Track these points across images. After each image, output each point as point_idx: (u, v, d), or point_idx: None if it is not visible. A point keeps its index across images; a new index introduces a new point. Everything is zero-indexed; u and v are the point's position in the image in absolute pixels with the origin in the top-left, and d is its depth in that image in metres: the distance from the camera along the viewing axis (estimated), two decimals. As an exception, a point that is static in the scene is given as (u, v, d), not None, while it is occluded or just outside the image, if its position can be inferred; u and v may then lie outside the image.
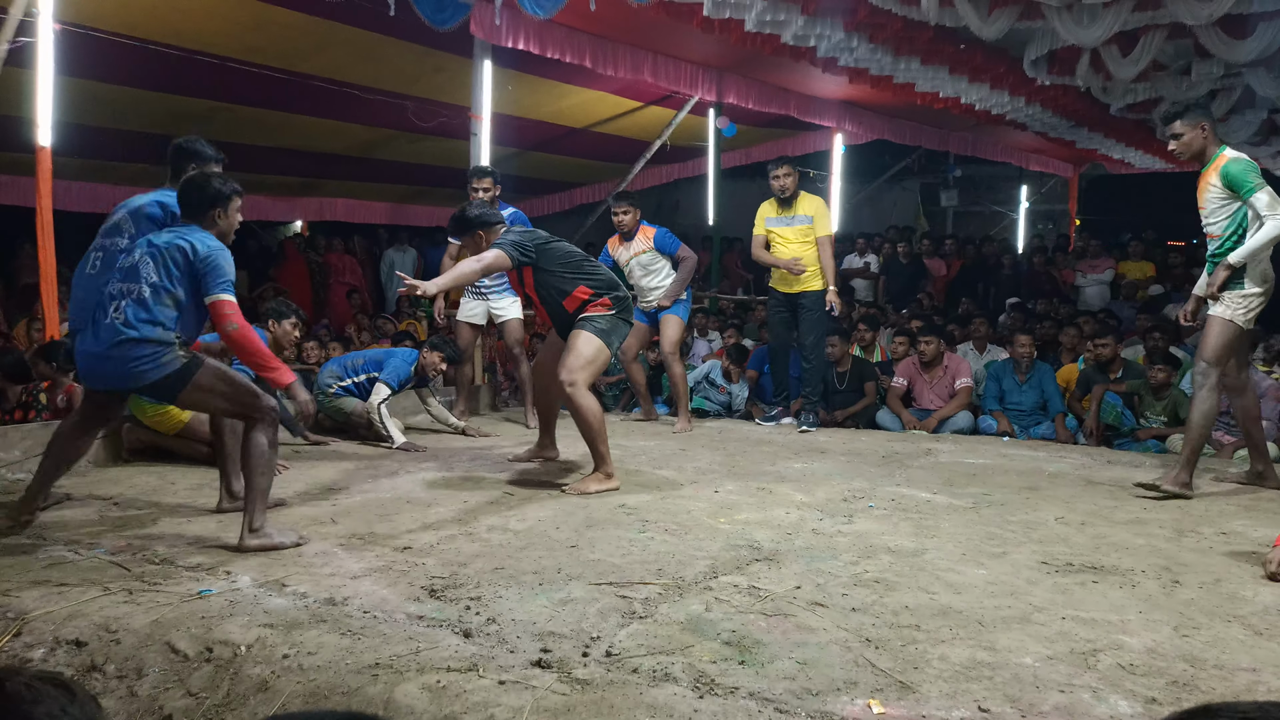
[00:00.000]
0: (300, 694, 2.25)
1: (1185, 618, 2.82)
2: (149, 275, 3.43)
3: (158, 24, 6.57)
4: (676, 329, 6.48)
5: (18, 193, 8.27)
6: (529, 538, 3.55)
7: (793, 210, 6.47)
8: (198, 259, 3.43)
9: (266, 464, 3.50)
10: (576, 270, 4.44)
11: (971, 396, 7.12)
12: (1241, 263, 4.43)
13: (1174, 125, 4.68)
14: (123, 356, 3.39)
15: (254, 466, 3.47)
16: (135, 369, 3.40)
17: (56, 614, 2.69)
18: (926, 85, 8.25)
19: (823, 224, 6.44)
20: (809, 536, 3.65)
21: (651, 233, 6.45)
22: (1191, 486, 4.53)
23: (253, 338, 3.52)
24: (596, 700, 2.18)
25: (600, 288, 4.44)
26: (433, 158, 10.02)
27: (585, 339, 4.34)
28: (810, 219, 6.42)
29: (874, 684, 2.30)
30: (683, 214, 16.72)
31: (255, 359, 3.50)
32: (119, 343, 3.38)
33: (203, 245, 3.45)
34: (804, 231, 6.45)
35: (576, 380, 4.28)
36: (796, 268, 6.40)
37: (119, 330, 3.38)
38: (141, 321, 3.38)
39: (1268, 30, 6.12)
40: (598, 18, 6.60)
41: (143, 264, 3.44)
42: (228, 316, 3.41)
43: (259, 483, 3.46)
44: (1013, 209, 17.03)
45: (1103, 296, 10.69)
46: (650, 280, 6.47)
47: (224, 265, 3.46)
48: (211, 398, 3.55)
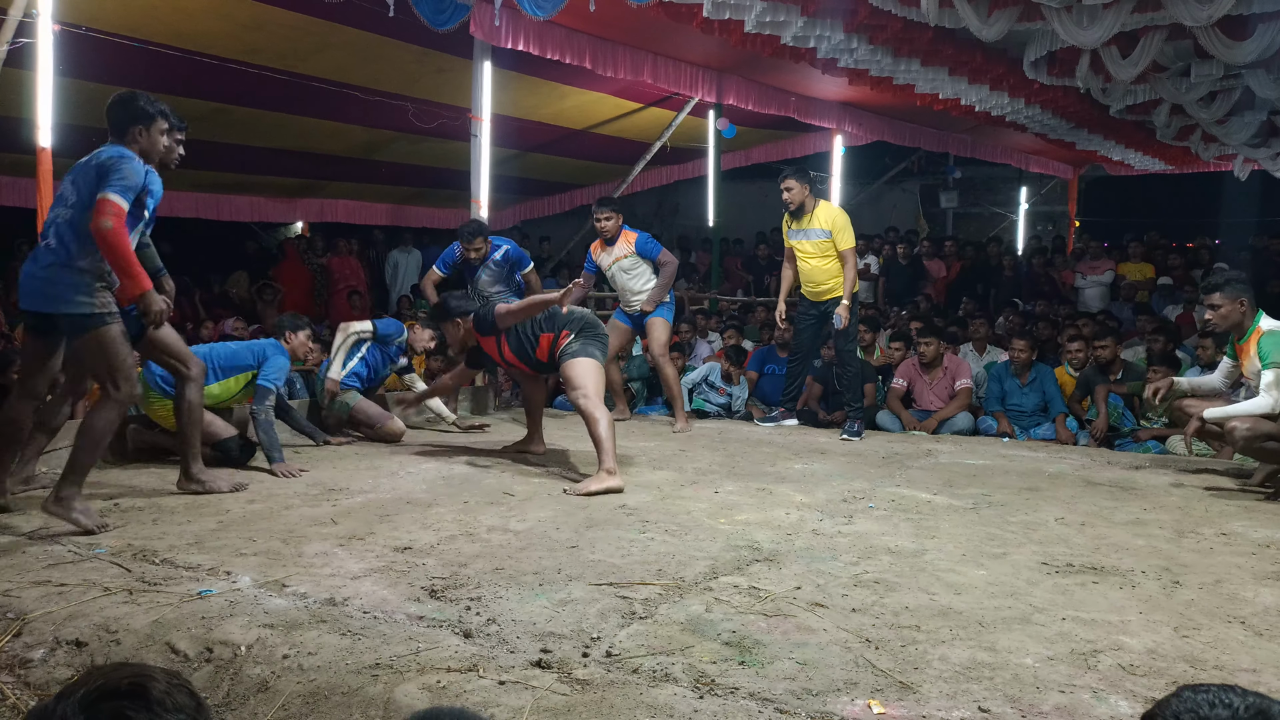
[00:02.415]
0: (300, 694, 2.24)
1: (1186, 618, 2.82)
2: (69, 197, 3.55)
3: (158, 25, 6.58)
4: (664, 331, 6.52)
5: (18, 194, 8.29)
6: (529, 538, 3.55)
7: (807, 222, 6.36)
8: (100, 164, 3.49)
9: (197, 417, 3.71)
10: (534, 326, 4.90)
11: (971, 398, 7.12)
12: (1218, 421, 4.67)
13: (1213, 297, 4.82)
14: (49, 278, 3.53)
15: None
16: (55, 292, 3.52)
17: (57, 614, 2.69)
18: (926, 87, 8.25)
19: (843, 237, 6.29)
20: (809, 537, 3.65)
21: (633, 238, 6.50)
22: None
23: (124, 243, 3.48)
24: (597, 700, 2.18)
25: (557, 327, 4.84)
26: (433, 159, 10.03)
27: (579, 364, 4.72)
28: (828, 233, 6.29)
29: (874, 684, 2.30)
30: (682, 216, 16.75)
31: (120, 261, 3.49)
32: (49, 265, 3.53)
33: (109, 153, 3.52)
34: (823, 245, 6.34)
35: (589, 393, 4.61)
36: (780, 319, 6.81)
37: (49, 253, 3.53)
38: (67, 244, 3.50)
39: (1267, 32, 6.11)
40: (597, 19, 6.60)
41: (67, 189, 3.56)
42: (104, 214, 3.40)
43: (84, 459, 3.57)
44: (1012, 210, 17.04)
45: (1102, 298, 10.70)
46: (633, 284, 6.52)
47: (125, 170, 3.47)
48: (93, 356, 3.63)
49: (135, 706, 1.06)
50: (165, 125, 3.73)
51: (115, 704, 1.06)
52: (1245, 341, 4.76)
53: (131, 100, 3.68)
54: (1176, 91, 7.72)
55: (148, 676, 1.10)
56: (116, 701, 1.06)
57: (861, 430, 6.44)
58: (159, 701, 1.07)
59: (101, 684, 1.08)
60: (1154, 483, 4.96)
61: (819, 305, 6.48)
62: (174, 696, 1.10)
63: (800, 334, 6.69)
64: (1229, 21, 6.04)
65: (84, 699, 1.06)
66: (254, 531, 3.60)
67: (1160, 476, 5.14)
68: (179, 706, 1.09)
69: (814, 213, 6.35)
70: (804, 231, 6.38)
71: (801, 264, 6.47)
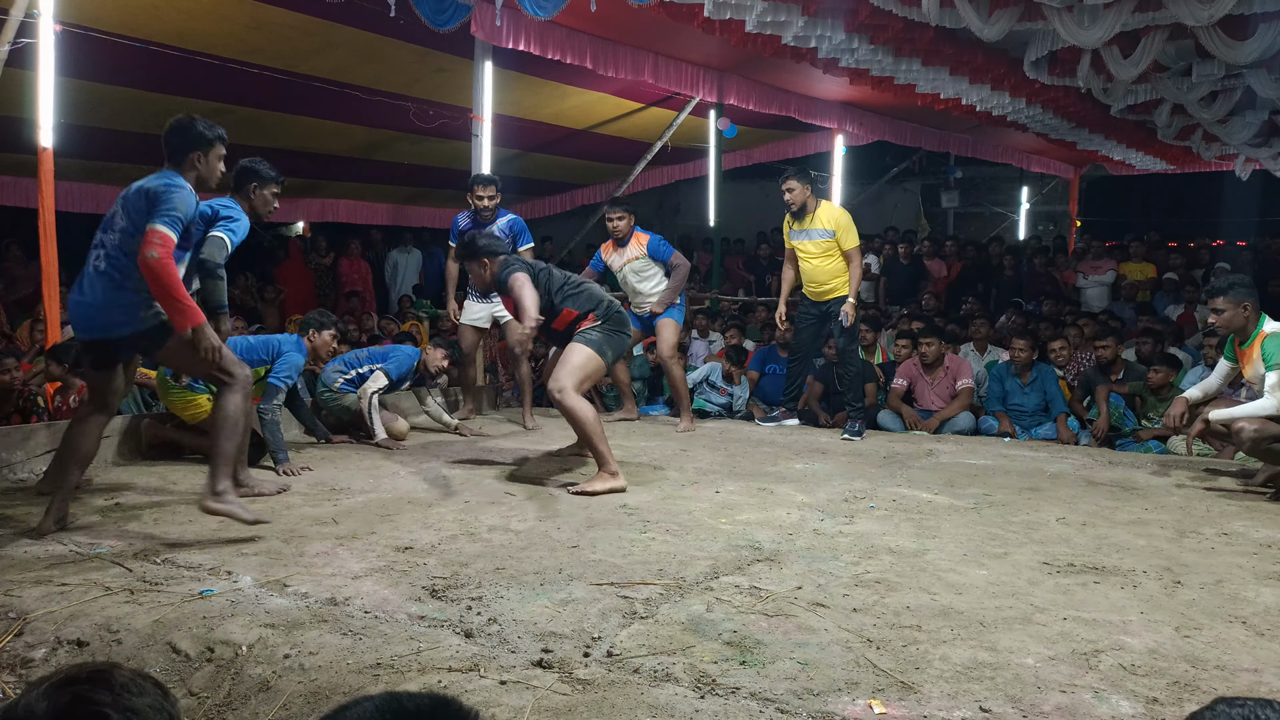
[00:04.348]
0: (301, 694, 2.24)
1: (1187, 618, 2.81)
2: (119, 222, 3.49)
3: (159, 25, 6.58)
4: (673, 332, 6.47)
5: (19, 194, 8.30)
6: (530, 538, 3.55)
7: (809, 223, 6.33)
8: (150, 192, 3.42)
9: (233, 428, 3.56)
10: (562, 295, 4.71)
11: (973, 397, 7.12)
12: (1224, 421, 4.69)
13: (1217, 301, 4.82)
14: (107, 304, 3.47)
15: (222, 430, 3.51)
16: (116, 316, 3.47)
17: (58, 614, 2.69)
18: (927, 86, 8.24)
19: (847, 237, 6.28)
20: (810, 537, 3.65)
21: (645, 239, 6.43)
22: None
23: (172, 273, 3.37)
24: (597, 700, 2.18)
25: (584, 307, 4.68)
26: (434, 159, 10.03)
27: (576, 350, 4.57)
28: (832, 233, 6.28)
29: (875, 684, 2.30)
30: (683, 215, 16.75)
31: (167, 292, 3.36)
32: (104, 289, 3.47)
33: (161, 181, 3.45)
34: (826, 246, 6.32)
35: (564, 387, 4.43)
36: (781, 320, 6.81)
37: (99, 276, 3.47)
38: (120, 266, 3.44)
39: (1268, 31, 6.11)
40: (598, 19, 6.60)
41: (118, 214, 3.50)
42: (151, 245, 3.30)
43: (225, 447, 3.51)
44: (1013, 210, 17.03)
45: (1103, 298, 10.69)
46: (644, 285, 6.46)
47: (176, 201, 3.39)
48: (184, 358, 3.58)
49: (97, 690, 1.10)
50: (223, 151, 3.66)
51: (77, 689, 1.10)
52: (1249, 346, 4.74)
53: (190, 126, 3.56)
54: (1178, 91, 7.72)
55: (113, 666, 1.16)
56: (78, 686, 1.10)
57: (863, 430, 6.42)
58: (123, 686, 1.12)
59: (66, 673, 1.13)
60: (1155, 483, 4.96)
61: (820, 305, 6.47)
62: (137, 683, 1.14)
63: (800, 334, 6.69)
64: (1230, 21, 6.04)
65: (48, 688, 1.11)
66: (255, 531, 3.60)
67: (1161, 476, 5.14)
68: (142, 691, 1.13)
69: (816, 213, 6.33)
70: (806, 232, 6.36)
71: (803, 264, 6.45)
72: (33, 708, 1.08)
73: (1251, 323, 4.74)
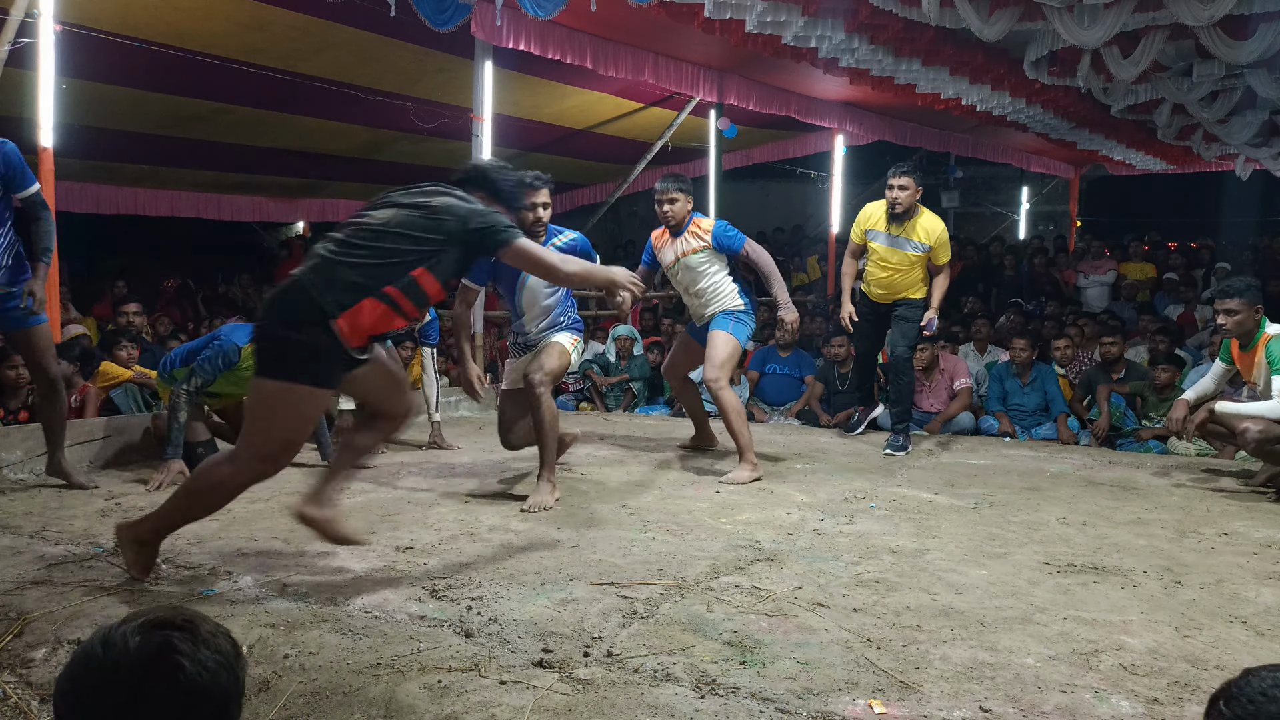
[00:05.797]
0: (302, 694, 2.24)
1: (1187, 618, 2.81)
2: None
3: (159, 25, 6.58)
4: (725, 349, 4.86)
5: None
6: (530, 538, 3.55)
7: (908, 230, 5.58)
8: None
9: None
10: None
11: (972, 396, 7.11)
12: (1229, 415, 4.71)
13: (1230, 302, 4.76)
14: None
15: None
16: None
17: (58, 614, 2.69)
18: (928, 86, 8.24)
19: (943, 253, 5.65)
20: (810, 537, 3.65)
21: (708, 226, 4.99)
22: None
23: None
24: (598, 700, 2.18)
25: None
26: (434, 159, 10.01)
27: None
28: (927, 247, 5.58)
29: (875, 684, 2.30)
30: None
31: None
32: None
33: None
34: (916, 259, 5.61)
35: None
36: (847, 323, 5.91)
37: None
38: None
39: (1268, 31, 6.11)
40: (599, 19, 6.60)
41: None
42: None
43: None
44: (1014, 210, 17.03)
45: (1103, 298, 10.69)
46: (702, 284, 5.01)
47: None
48: None
49: (183, 638, 1.18)
50: None
51: (166, 633, 1.19)
52: (1252, 348, 4.73)
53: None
54: (1178, 91, 7.72)
55: (200, 617, 1.24)
56: (170, 632, 1.19)
57: (908, 444, 5.75)
58: (205, 640, 1.20)
59: (160, 616, 1.22)
60: (1155, 482, 4.96)
61: (881, 307, 5.85)
62: (218, 639, 1.22)
63: (859, 332, 6.03)
64: (1230, 21, 6.04)
65: (142, 624, 1.19)
66: (255, 531, 3.61)
67: (1162, 477, 5.14)
68: (220, 650, 1.21)
69: (917, 221, 5.59)
70: (898, 240, 5.60)
71: (878, 271, 5.71)
72: (127, 640, 1.17)
73: (1256, 326, 4.74)
